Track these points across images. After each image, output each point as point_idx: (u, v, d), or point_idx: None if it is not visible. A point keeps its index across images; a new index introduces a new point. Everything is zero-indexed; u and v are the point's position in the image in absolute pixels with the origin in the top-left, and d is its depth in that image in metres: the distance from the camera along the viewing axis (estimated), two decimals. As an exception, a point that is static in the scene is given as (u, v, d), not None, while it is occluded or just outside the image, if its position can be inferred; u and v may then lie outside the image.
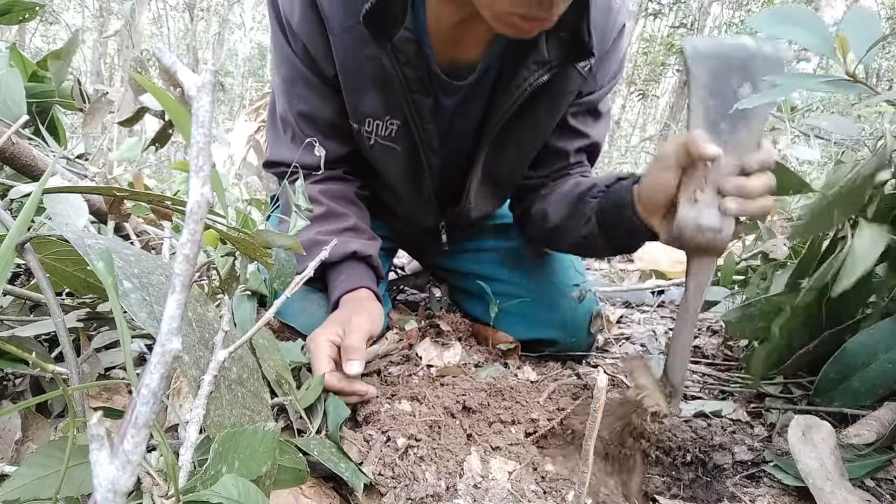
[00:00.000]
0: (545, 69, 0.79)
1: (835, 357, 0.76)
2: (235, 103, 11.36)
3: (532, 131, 0.90)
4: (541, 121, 0.89)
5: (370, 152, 0.90)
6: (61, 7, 11.28)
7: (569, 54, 0.79)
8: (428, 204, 0.99)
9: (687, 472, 0.72)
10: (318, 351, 0.71)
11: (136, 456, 0.26)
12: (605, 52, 0.87)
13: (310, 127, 0.89)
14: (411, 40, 0.75)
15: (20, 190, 0.71)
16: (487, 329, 1.07)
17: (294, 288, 0.55)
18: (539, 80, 0.80)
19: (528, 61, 0.79)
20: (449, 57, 0.81)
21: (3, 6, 0.98)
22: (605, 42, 0.86)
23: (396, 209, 1.05)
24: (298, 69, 0.84)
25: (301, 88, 0.86)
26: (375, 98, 0.83)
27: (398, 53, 0.76)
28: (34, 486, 0.36)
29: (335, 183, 0.93)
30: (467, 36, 0.78)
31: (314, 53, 0.81)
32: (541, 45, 0.78)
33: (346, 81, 0.83)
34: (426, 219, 1.05)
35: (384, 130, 0.86)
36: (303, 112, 0.88)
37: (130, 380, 0.33)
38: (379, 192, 1.02)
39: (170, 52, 0.31)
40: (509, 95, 0.82)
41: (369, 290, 0.85)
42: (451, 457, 0.68)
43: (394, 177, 0.95)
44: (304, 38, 0.80)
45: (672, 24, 8.65)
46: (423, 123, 0.84)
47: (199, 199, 0.27)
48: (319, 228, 0.87)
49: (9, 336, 0.53)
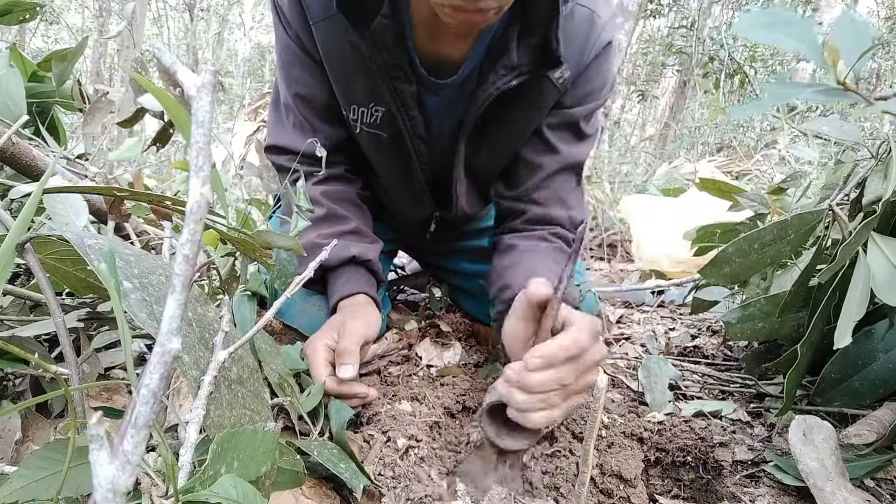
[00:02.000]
0: (513, 74, 0.78)
1: (835, 357, 0.76)
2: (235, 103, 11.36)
3: (504, 137, 0.89)
4: (512, 127, 0.88)
5: (359, 138, 0.91)
6: (62, 7, 11.28)
7: (539, 62, 0.78)
8: (421, 195, 0.99)
9: (687, 472, 0.72)
10: (315, 356, 0.72)
11: (135, 456, 0.26)
12: (586, 65, 0.84)
13: (308, 109, 0.89)
14: (389, 28, 0.75)
15: (20, 190, 0.71)
16: (487, 329, 1.07)
17: (293, 289, 0.55)
18: (507, 85, 0.79)
19: (497, 65, 0.79)
20: (433, 51, 0.81)
21: (3, 7, 0.98)
22: (585, 55, 0.83)
23: (391, 202, 1.05)
24: (294, 52, 0.85)
25: (297, 71, 0.87)
26: (359, 85, 0.83)
27: (376, 40, 0.76)
28: (33, 488, 0.36)
29: (337, 184, 0.93)
30: (443, 31, 0.78)
31: (303, 39, 0.83)
32: (511, 49, 0.78)
33: (329, 68, 0.84)
34: (421, 211, 1.04)
35: (369, 117, 0.86)
36: (300, 94, 0.89)
37: (130, 380, 0.33)
38: (374, 185, 1.02)
39: (170, 52, 0.30)
40: (478, 97, 0.81)
41: (367, 296, 0.85)
42: (451, 457, 0.68)
43: (382, 165, 0.95)
44: (294, 25, 0.82)
45: (672, 24, 8.65)
46: (407, 110, 0.84)
47: (199, 199, 0.27)
48: (320, 231, 0.87)
49: (9, 336, 0.53)
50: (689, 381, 1.01)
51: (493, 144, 0.90)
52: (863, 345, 0.75)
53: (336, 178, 0.94)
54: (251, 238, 0.56)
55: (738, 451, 0.73)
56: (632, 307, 1.67)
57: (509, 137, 0.89)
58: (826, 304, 0.71)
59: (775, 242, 0.80)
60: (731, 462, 0.71)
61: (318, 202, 0.89)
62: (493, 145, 0.90)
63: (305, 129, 0.90)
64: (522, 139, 0.90)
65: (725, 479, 0.70)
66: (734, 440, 0.75)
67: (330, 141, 0.90)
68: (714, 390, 0.96)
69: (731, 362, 1.09)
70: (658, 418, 0.82)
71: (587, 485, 0.53)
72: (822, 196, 0.91)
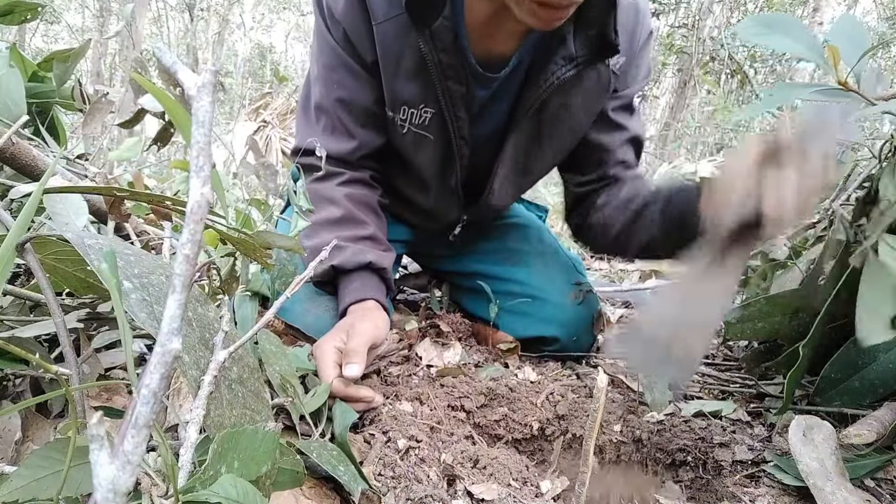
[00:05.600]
0: (572, 65, 0.83)
1: (835, 357, 0.76)
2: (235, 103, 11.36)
3: (567, 125, 0.93)
4: (575, 116, 0.92)
5: (402, 140, 0.92)
6: (62, 7, 11.28)
7: (595, 52, 0.83)
8: (453, 195, 1.01)
9: (687, 472, 0.72)
10: (324, 358, 0.72)
11: (135, 456, 0.26)
12: (635, 53, 0.90)
13: (347, 113, 0.91)
14: (449, 28, 0.79)
15: (20, 190, 0.71)
16: (487, 329, 1.07)
17: (294, 288, 0.55)
18: (565, 75, 0.83)
19: (556, 56, 0.83)
20: (483, 49, 0.84)
21: (4, 7, 0.98)
22: (634, 43, 0.90)
23: (421, 202, 1.05)
24: (339, 55, 0.86)
25: (341, 74, 0.88)
26: (412, 86, 0.86)
27: (436, 40, 0.79)
28: (33, 487, 0.36)
29: (360, 187, 0.94)
30: (500, 29, 0.82)
31: (355, 41, 0.84)
32: (568, 41, 0.82)
33: (385, 68, 0.86)
34: (450, 212, 1.06)
35: (418, 118, 0.89)
36: (341, 98, 0.90)
37: (131, 380, 0.33)
38: (404, 188, 1.03)
39: (170, 52, 0.31)
40: (537, 88, 0.85)
41: (377, 302, 0.86)
42: (451, 458, 0.68)
43: (424, 166, 0.96)
44: (345, 26, 0.83)
45: (672, 23, 8.64)
46: (456, 111, 0.86)
47: (199, 199, 0.27)
48: (339, 233, 0.87)
49: (9, 336, 0.53)
50: (689, 381, 1.01)
51: (555, 134, 0.94)
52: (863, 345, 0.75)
53: (360, 182, 0.94)
54: (251, 238, 0.56)
55: (738, 451, 0.73)
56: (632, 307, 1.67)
57: (573, 125, 0.93)
58: (831, 305, 0.71)
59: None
60: (731, 462, 0.71)
61: (337, 202, 0.90)
62: (555, 135, 0.94)
63: (338, 132, 0.91)
64: (586, 124, 0.94)
65: (725, 479, 0.70)
66: (734, 440, 0.75)
67: (363, 146, 0.92)
68: (714, 390, 0.96)
69: (730, 362, 1.09)
70: (658, 418, 0.82)
71: (587, 485, 0.53)
72: (822, 196, 0.91)
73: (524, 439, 0.77)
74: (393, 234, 1.00)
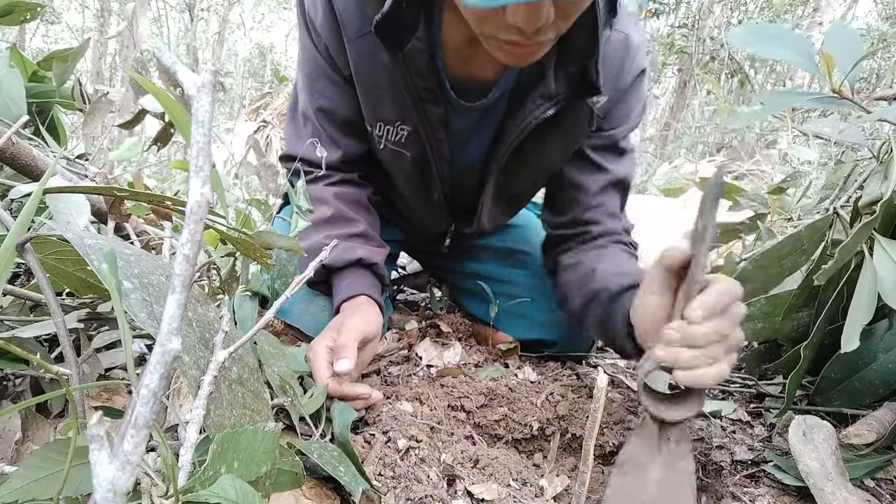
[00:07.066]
0: (551, 103, 0.79)
1: (835, 357, 0.76)
2: (235, 103, 11.36)
3: (545, 160, 0.90)
4: (552, 152, 0.89)
5: (381, 154, 0.91)
6: (62, 7, 11.28)
7: (576, 90, 0.79)
8: (439, 210, 1.00)
9: (687, 473, 0.72)
10: (317, 359, 0.72)
11: (135, 456, 0.26)
12: (622, 91, 0.85)
13: (329, 122, 0.90)
14: (423, 51, 0.76)
15: (20, 190, 0.71)
16: (487, 329, 1.07)
17: (294, 289, 0.55)
18: (544, 114, 0.80)
19: (534, 93, 0.79)
20: (463, 72, 0.82)
21: (4, 7, 0.98)
22: (621, 82, 0.84)
23: (409, 215, 1.05)
24: (320, 65, 0.85)
25: (322, 84, 0.87)
26: (387, 104, 0.84)
27: (409, 63, 0.76)
28: (33, 487, 0.36)
29: (349, 186, 0.94)
30: (478, 54, 0.77)
31: (333, 54, 0.83)
32: (548, 77, 0.78)
33: (359, 85, 0.84)
34: (437, 225, 1.06)
35: (394, 136, 0.87)
36: (322, 107, 0.89)
37: (130, 380, 0.33)
38: (392, 196, 1.03)
39: (170, 52, 0.31)
40: (515, 127, 0.82)
41: (369, 297, 0.86)
42: (451, 458, 0.68)
43: (403, 182, 0.96)
44: (325, 38, 0.82)
45: (672, 23, 8.64)
46: (434, 132, 0.84)
47: (199, 199, 0.27)
48: (328, 232, 0.87)
49: (9, 336, 0.53)
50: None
51: (531, 168, 0.91)
52: (863, 345, 0.75)
53: (348, 182, 0.94)
54: (251, 238, 0.56)
55: (738, 452, 0.73)
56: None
57: (550, 160, 0.91)
58: (832, 306, 0.71)
59: (791, 254, 0.81)
60: (731, 462, 0.71)
61: (327, 202, 0.89)
62: (531, 168, 0.91)
63: (323, 140, 0.91)
64: (562, 160, 0.91)
65: (725, 479, 0.70)
66: (734, 440, 0.75)
67: (348, 153, 0.91)
68: (714, 390, 0.96)
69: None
70: (658, 418, 0.81)
71: (587, 484, 0.53)
72: (822, 196, 0.91)
73: (524, 439, 0.77)
74: (387, 234, 0.99)
